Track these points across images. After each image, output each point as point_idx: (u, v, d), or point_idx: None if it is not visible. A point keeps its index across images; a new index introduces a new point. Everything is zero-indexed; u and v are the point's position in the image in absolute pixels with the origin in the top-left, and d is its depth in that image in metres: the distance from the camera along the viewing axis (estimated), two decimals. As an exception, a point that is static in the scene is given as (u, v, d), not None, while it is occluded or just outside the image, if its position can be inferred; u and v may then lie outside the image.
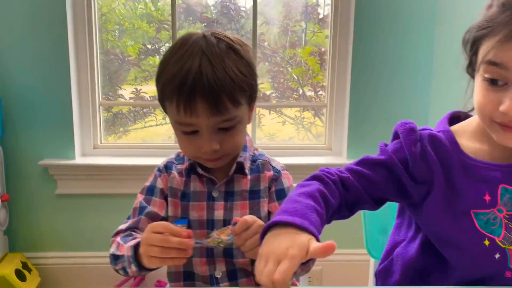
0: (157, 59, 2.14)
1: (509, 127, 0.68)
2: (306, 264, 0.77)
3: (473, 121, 0.81)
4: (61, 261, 1.99)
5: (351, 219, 0.82)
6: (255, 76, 0.83)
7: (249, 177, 0.88)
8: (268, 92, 2.25)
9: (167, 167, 0.91)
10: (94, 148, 2.05)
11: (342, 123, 2.08)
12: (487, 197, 0.73)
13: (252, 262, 0.82)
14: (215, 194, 0.87)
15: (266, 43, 2.18)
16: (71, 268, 1.99)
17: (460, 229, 0.73)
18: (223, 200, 0.87)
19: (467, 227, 0.72)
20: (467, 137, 0.79)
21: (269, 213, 0.88)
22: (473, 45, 0.72)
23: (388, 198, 0.80)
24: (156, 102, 0.94)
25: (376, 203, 0.80)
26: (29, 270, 1.88)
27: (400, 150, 0.77)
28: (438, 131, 0.79)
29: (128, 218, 0.90)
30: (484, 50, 0.68)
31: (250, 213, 0.85)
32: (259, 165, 0.89)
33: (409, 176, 0.76)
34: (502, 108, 0.65)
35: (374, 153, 0.81)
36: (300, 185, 0.75)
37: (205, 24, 2.09)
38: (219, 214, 0.86)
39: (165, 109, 0.83)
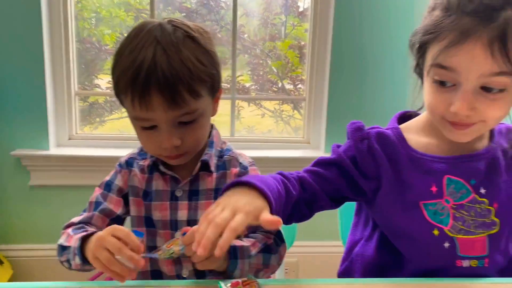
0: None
1: (459, 125, 0.72)
2: (269, 265, 0.77)
3: (421, 117, 0.84)
4: (34, 253, 1.97)
5: (327, 211, 0.83)
6: (216, 66, 0.78)
7: (215, 174, 0.83)
8: (247, 85, 2.25)
9: (128, 163, 0.87)
10: (69, 139, 2.02)
11: (320, 116, 2.09)
12: (434, 188, 0.76)
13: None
14: (178, 193, 0.83)
15: (246, 35, 2.18)
16: (44, 260, 1.96)
17: (411, 220, 0.76)
18: (187, 199, 0.83)
19: (417, 218, 0.76)
20: (415, 132, 0.82)
21: None
22: (419, 48, 0.74)
23: (344, 195, 0.82)
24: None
25: (333, 202, 0.82)
26: (1, 263, 1.85)
27: (349, 148, 0.81)
28: (387, 129, 0.82)
29: (84, 211, 0.86)
30: (432, 53, 0.71)
31: None
32: (226, 162, 0.85)
33: (359, 172, 0.79)
34: (452, 108, 0.69)
35: None
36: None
37: (184, 14, 2.07)
38: (182, 214, 0.82)
39: (122, 103, 0.78)
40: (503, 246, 0.77)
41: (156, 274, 0.85)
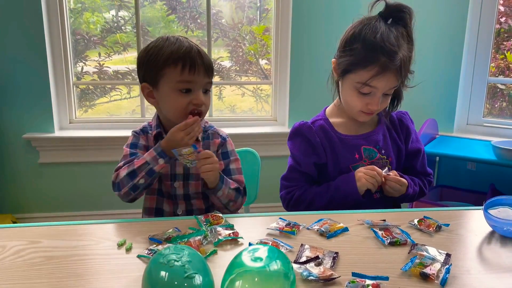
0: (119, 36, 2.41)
1: (368, 114, 1.15)
2: (236, 201, 1.11)
3: (333, 106, 1.24)
4: (43, 220, 2.29)
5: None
6: None
7: (201, 143, 1.17)
8: (228, 65, 2.53)
9: (143, 131, 1.19)
10: (70, 123, 2.34)
11: (284, 98, 2.45)
12: (357, 156, 1.17)
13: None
14: None
15: (223, 20, 2.46)
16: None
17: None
18: None
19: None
20: (333, 116, 1.22)
21: None
22: (343, 71, 1.13)
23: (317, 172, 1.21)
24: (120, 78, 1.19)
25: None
26: (19, 228, 2.17)
27: (303, 146, 1.18)
28: (320, 119, 1.21)
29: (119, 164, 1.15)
30: (359, 76, 1.09)
31: None
32: (210, 134, 1.20)
33: (317, 156, 1.17)
34: (370, 107, 1.12)
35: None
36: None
37: (164, 1, 2.36)
38: (180, 169, 1.16)
39: (159, 79, 1.07)
40: None
41: (158, 211, 1.18)
